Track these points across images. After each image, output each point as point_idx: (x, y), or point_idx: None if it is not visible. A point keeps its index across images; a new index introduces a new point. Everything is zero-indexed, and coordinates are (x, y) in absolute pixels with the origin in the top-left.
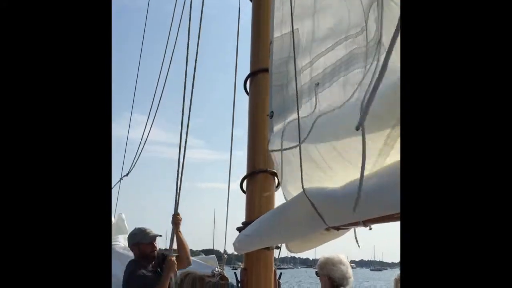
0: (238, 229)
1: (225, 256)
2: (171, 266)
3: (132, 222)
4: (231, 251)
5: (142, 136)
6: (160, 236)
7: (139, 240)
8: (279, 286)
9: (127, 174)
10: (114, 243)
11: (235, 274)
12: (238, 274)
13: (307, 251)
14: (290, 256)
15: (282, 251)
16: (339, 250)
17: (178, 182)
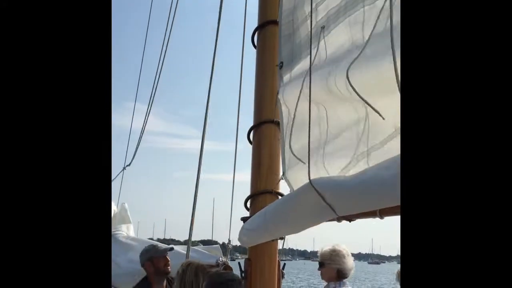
0: (242, 219)
1: (229, 246)
2: None
3: (132, 211)
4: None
5: (143, 127)
6: (172, 249)
7: (152, 255)
8: (283, 277)
9: (129, 164)
10: (116, 232)
11: (238, 264)
12: (241, 265)
13: (305, 243)
14: (289, 248)
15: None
16: (337, 241)
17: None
